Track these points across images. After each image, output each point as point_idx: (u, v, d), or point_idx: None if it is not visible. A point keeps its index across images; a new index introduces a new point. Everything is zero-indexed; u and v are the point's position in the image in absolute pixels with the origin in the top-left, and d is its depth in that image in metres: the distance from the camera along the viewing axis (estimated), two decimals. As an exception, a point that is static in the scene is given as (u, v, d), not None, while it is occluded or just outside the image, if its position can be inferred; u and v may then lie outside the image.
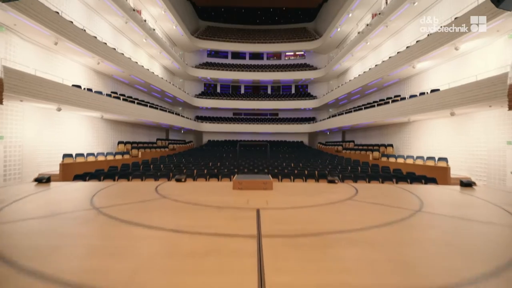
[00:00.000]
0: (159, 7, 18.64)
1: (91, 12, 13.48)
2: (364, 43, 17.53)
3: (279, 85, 29.96)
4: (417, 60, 11.71)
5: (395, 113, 12.52)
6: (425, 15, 13.30)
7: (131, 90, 17.82)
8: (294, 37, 28.98)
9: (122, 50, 16.13)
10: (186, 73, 25.32)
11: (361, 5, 17.95)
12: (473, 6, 9.74)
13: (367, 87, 17.33)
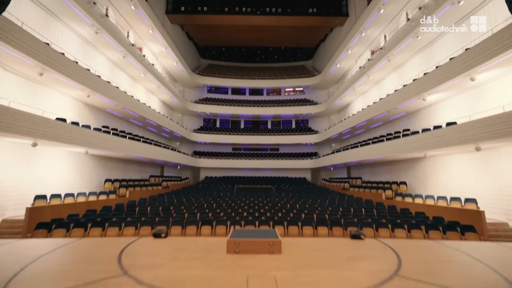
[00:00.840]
0: (160, 44, 18.84)
1: (88, 46, 13.23)
2: (365, 77, 17.26)
3: (279, 120, 29.57)
4: (428, 93, 11.00)
5: (409, 148, 11.44)
6: (429, 47, 13.08)
7: (126, 125, 17.01)
8: (293, 74, 29.42)
9: (118, 84, 15.69)
10: (185, 108, 24.96)
11: (359, 42, 18.13)
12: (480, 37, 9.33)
13: (372, 121, 16.57)
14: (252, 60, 34.03)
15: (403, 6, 14.16)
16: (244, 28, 25.34)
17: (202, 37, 28.36)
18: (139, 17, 15.77)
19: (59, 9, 10.61)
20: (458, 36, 11.43)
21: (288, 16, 22.90)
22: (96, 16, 11.67)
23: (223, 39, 28.84)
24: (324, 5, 23.45)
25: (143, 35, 17.63)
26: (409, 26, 12.38)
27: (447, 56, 11.68)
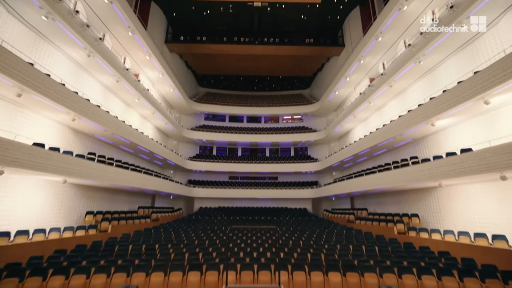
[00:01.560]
0: (157, 71, 18.62)
1: (79, 70, 12.75)
2: (366, 103, 16.87)
3: (277, 147, 28.80)
4: (436, 117, 10.36)
5: (421, 176, 10.47)
6: (432, 72, 12.78)
7: (115, 152, 16.02)
8: (291, 102, 29.36)
9: (111, 109, 15.02)
10: (180, 135, 24.22)
11: (358, 70, 18.08)
12: (488, 61, 8.93)
13: (376, 148, 15.78)
14: (250, 89, 34.29)
15: (401, 34, 14.20)
16: (242, 57, 25.68)
17: (201, 65, 28.68)
18: (136, 43, 15.62)
19: (49, 30, 10.23)
20: (462, 60, 11.15)
21: (285, 46, 23.31)
22: (89, 39, 11.33)
23: (222, 68, 29.17)
24: (321, 36, 24.07)
25: (140, 61, 17.43)
26: (410, 52, 12.18)
27: (452, 81, 11.29)
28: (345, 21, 22.95)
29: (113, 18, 13.44)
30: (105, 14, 13.17)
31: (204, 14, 22.60)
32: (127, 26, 14.14)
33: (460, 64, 11.32)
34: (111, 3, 12.57)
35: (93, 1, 12.22)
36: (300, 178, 26.42)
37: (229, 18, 23.08)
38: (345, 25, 23.08)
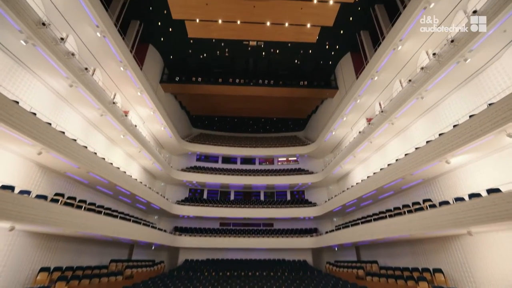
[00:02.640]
0: (148, 108, 17.91)
1: (59, 101, 11.75)
2: (367, 142, 16.07)
3: (273, 190, 27.01)
4: (451, 154, 9.35)
5: (445, 222, 8.94)
6: (435, 109, 12.26)
7: (92, 193, 14.13)
8: (286, 143, 28.66)
9: (92, 145, 13.67)
10: (169, 176, 22.48)
11: (354, 109, 17.78)
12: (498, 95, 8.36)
13: (382, 190, 14.39)
14: (244, 131, 33.93)
15: (396, 73, 14.19)
16: (236, 99, 25.69)
17: (195, 106, 28.52)
18: (128, 79, 15.13)
19: (28, 56, 9.46)
20: (466, 96, 10.69)
21: (280, 88, 23.51)
22: (73, 69, 10.59)
23: (216, 109, 29.05)
24: (314, 79, 24.60)
25: (131, 97, 16.78)
26: (411, 87, 11.81)
27: (458, 117, 10.67)
28: (337, 66, 23.76)
29: (105, 52, 13.08)
30: (97, 48, 12.82)
31: (201, 57, 23.15)
32: (119, 61, 13.75)
33: (464, 100, 10.85)
34: (104, 37, 12.30)
35: (85, 34, 11.94)
36: (298, 225, 24.08)
37: (225, 61, 23.65)
38: (337, 70, 23.82)
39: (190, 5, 12.59)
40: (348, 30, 19.22)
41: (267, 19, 13.48)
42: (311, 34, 14.73)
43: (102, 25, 11.67)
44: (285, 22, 13.74)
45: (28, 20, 8.44)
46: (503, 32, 8.39)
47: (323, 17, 13.37)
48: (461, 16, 10.73)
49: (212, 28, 14.19)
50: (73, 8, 10.67)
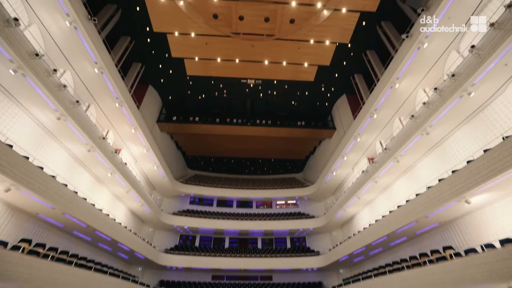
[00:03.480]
0: (142, 146, 17.24)
1: (44, 134, 11.03)
2: (371, 182, 15.11)
3: (271, 237, 24.77)
4: (470, 193, 8.42)
5: (479, 276, 7.49)
6: (442, 145, 11.69)
7: (67, 239, 12.45)
8: (285, 185, 27.46)
9: (74, 183, 12.53)
10: (158, 220, 20.65)
11: (355, 148, 17.28)
12: None
13: (394, 236, 12.92)
14: (241, 172, 32.93)
15: (396, 110, 14.08)
16: (234, 139, 25.36)
17: (191, 146, 27.98)
18: (123, 116, 14.77)
19: (15, 87, 9.05)
20: (473, 131, 10.26)
21: (277, 128, 23.38)
22: (63, 101, 10.14)
23: (213, 150, 28.51)
24: (312, 119, 24.72)
25: (125, 135, 16.24)
26: (415, 123, 11.43)
27: (471, 152, 10.04)
28: (334, 107, 24.12)
29: (101, 88, 12.94)
30: (93, 84, 12.70)
31: (199, 98, 23.49)
32: (115, 98, 13.55)
33: (471, 135, 10.37)
34: (102, 74, 12.25)
35: (83, 69, 11.89)
36: (300, 278, 21.38)
37: (223, 101, 23.98)
38: (334, 111, 24.11)
39: (190, 44, 12.96)
40: (342, 73, 19.92)
41: (265, 58, 13.84)
42: (309, 73, 15.04)
43: (100, 61, 11.70)
44: (283, 61, 14.08)
45: (21, 51, 8.24)
46: (505, 65, 8.30)
47: (320, 57, 13.77)
48: (455, 55, 10.98)
49: (211, 66, 14.47)
50: (73, 44, 10.75)
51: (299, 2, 11.23)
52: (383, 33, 16.11)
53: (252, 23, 11.95)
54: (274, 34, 12.35)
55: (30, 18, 9.75)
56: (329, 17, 11.47)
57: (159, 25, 12.16)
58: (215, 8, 11.58)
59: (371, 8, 11.30)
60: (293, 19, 11.96)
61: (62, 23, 9.96)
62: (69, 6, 9.61)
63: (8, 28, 7.59)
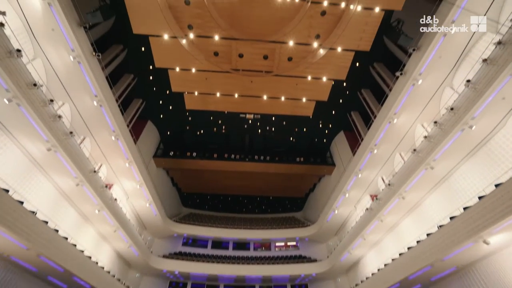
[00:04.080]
0: (135, 181, 16.55)
1: (32, 167, 10.49)
2: (376, 221, 14.20)
3: (270, 284, 22.48)
4: (488, 232, 7.72)
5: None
6: (448, 180, 11.21)
7: (40, 286, 11.00)
8: (284, 224, 25.97)
9: (57, 221, 11.55)
10: (146, 264, 18.85)
11: (356, 185, 16.70)
12: None
13: (407, 283, 11.60)
14: (238, 211, 31.44)
15: (395, 146, 13.92)
16: (231, 175, 24.72)
17: (187, 183, 27.10)
18: (118, 150, 14.42)
19: (6, 116, 8.82)
20: (478, 165, 9.92)
21: (276, 164, 22.97)
22: (56, 132, 9.85)
23: (209, 186, 27.58)
24: (311, 156, 24.46)
25: (118, 169, 15.68)
26: (417, 157, 11.12)
27: (480, 187, 9.56)
28: (332, 143, 24.09)
29: (99, 121, 12.83)
30: (91, 116, 12.61)
31: (198, 134, 23.49)
32: (112, 131, 13.36)
33: (477, 169, 10.01)
34: (100, 107, 12.24)
35: (81, 102, 11.89)
36: (304, 335, 18.80)
37: (221, 137, 23.95)
38: (333, 147, 24.01)
39: (190, 79, 13.29)
40: (339, 111, 20.30)
41: (264, 93, 14.11)
42: (307, 108, 15.25)
43: (100, 95, 11.79)
44: (282, 96, 14.35)
45: (20, 81, 8.21)
46: (502, 99, 8.34)
47: (318, 92, 14.09)
48: (449, 92, 11.22)
49: (210, 100, 14.67)
50: (75, 77, 10.91)
51: (296, 41, 11.85)
52: (376, 73, 16.85)
53: (251, 60, 12.45)
54: (272, 71, 12.79)
55: (35, 52, 10.00)
56: (325, 55, 12.01)
57: (161, 61, 12.61)
58: (216, 47, 12.14)
59: (365, 48, 11.91)
60: (290, 57, 12.49)
61: (66, 57, 10.22)
62: (75, 42, 9.96)
63: (9, 58, 7.65)
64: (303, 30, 11.53)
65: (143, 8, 10.81)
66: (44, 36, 9.64)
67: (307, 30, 11.56)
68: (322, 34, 11.76)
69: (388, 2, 10.70)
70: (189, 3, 11.02)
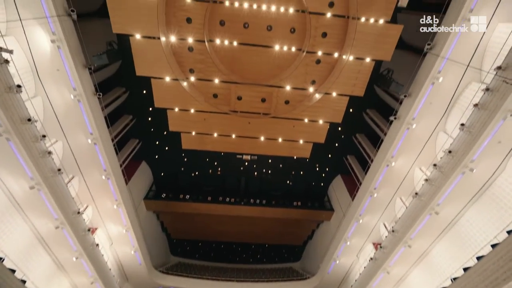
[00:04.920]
0: (121, 225, 15.43)
1: (10, 206, 9.68)
2: (382, 273, 13.01)
3: None
4: (510, 285, 6.96)
5: None
6: (456, 226, 10.60)
7: None
8: (281, 276, 23.71)
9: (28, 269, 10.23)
10: (124, 325, 16.38)
11: (358, 232, 15.81)
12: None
13: None
14: (231, 260, 29.04)
15: (395, 189, 13.56)
16: (225, 220, 23.45)
17: (178, 228, 25.44)
18: (107, 190, 13.76)
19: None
20: (484, 210, 9.51)
21: (272, 208, 22.03)
22: (43, 169, 9.38)
23: (201, 232, 25.87)
24: (308, 200, 23.67)
25: (105, 212, 14.71)
26: (420, 201, 10.70)
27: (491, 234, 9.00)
28: (329, 187, 23.57)
29: (91, 159, 12.47)
30: (83, 155, 12.27)
31: (192, 175, 22.92)
32: (103, 170, 12.92)
33: (483, 215, 9.56)
34: (95, 145, 12.03)
35: (76, 139, 11.68)
36: None
37: (216, 179, 23.35)
38: (330, 191, 23.43)
39: (188, 120, 13.42)
40: (335, 154, 20.39)
41: (262, 135, 14.19)
42: (304, 150, 15.22)
43: (96, 133, 11.69)
44: (279, 138, 14.40)
45: (14, 116, 8.08)
46: (498, 143, 8.40)
47: (314, 135, 14.23)
48: (444, 136, 11.40)
49: (207, 140, 14.62)
50: (73, 115, 10.90)
51: (293, 86, 12.40)
52: (370, 118, 17.44)
53: (249, 102, 12.81)
54: (270, 113, 13.09)
55: (37, 89, 10.13)
56: (321, 99, 12.47)
57: (161, 101, 12.90)
58: (216, 89, 12.59)
59: (359, 93, 12.48)
60: (287, 100, 12.93)
61: (67, 95, 10.35)
62: (78, 82, 10.23)
63: (7, 93, 7.64)
64: (299, 76, 12.17)
65: (148, 53, 11.45)
66: (48, 75, 9.89)
67: (303, 76, 12.21)
68: (317, 80, 12.39)
69: (378, 54, 11.57)
70: (193, 50, 11.75)
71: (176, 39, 11.43)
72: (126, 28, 10.97)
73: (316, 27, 11.23)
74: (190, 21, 11.14)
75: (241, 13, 11.08)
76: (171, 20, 11.06)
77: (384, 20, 10.88)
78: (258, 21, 11.22)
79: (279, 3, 10.80)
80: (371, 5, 10.58)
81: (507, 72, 7.51)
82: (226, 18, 11.28)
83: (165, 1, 10.47)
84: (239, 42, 11.67)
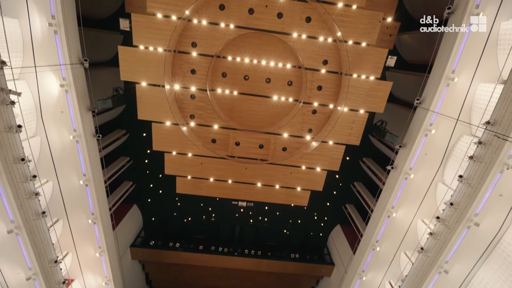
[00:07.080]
0: (102, 277, 14.07)
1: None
2: None
3: None
4: None
5: None
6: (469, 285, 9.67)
7: None
8: None
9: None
10: None
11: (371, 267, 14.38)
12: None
13: None
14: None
15: (399, 242, 12.79)
16: (216, 272, 21.48)
17: (164, 280, 23.07)
18: (91, 236, 12.89)
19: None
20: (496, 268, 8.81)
21: (268, 260, 20.41)
22: (27, 212, 8.84)
23: (190, 286, 23.38)
24: (307, 252, 22.13)
25: (85, 260, 13.49)
26: (427, 257, 9.97)
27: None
28: (329, 238, 22.32)
29: (80, 201, 11.97)
30: (72, 196, 11.79)
31: (185, 221, 21.80)
32: (91, 213, 12.29)
33: (496, 275, 8.81)
34: (86, 186, 11.67)
35: (67, 180, 11.35)
36: None
37: (210, 227, 22.17)
38: (330, 243, 22.11)
39: (185, 163, 13.32)
40: (334, 203, 19.85)
41: (258, 181, 13.95)
42: (302, 197, 14.80)
43: (89, 174, 11.47)
44: (276, 185, 14.13)
45: (8, 155, 7.96)
46: (500, 196, 8.25)
47: (312, 182, 14.02)
48: (444, 189, 11.26)
49: (203, 185, 14.28)
50: (69, 155, 10.80)
51: (290, 134, 12.71)
52: (367, 167, 17.49)
53: (247, 148, 12.94)
54: (267, 159, 13.11)
55: (37, 129, 10.21)
56: (318, 147, 12.65)
57: (159, 144, 13.00)
58: (215, 134, 12.84)
59: (355, 142, 12.75)
60: (285, 147, 13.09)
61: (65, 136, 10.41)
62: (79, 124, 10.41)
63: (6, 133, 7.66)
64: (296, 124, 12.58)
65: (152, 99, 11.96)
66: (51, 116, 10.10)
67: (300, 124, 12.63)
68: (314, 129, 12.77)
69: (371, 106, 12.20)
70: (194, 97, 12.34)
71: (179, 88, 12.11)
72: (134, 77, 11.69)
73: (311, 81, 12.07)
74: (195, 72, 11.97)
75: (242, 66, 12.00)
76: (177, 71, 11.89)
77: (375, 77, 11.77)
78: (258, 74, 12.11)
79: (277, 59, 11.80)
80: (362, 64, 11.56)
81: (495, 127, 7.78)
82: (228, 71, 12.16)
83: (172, 55, 11.40)
84: (239, 92, 12.38)
